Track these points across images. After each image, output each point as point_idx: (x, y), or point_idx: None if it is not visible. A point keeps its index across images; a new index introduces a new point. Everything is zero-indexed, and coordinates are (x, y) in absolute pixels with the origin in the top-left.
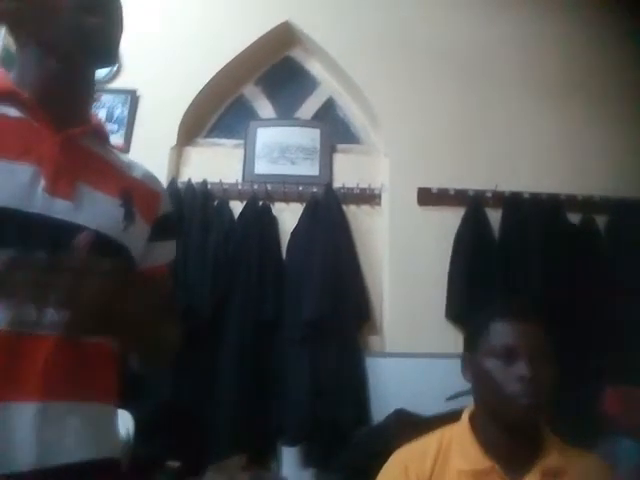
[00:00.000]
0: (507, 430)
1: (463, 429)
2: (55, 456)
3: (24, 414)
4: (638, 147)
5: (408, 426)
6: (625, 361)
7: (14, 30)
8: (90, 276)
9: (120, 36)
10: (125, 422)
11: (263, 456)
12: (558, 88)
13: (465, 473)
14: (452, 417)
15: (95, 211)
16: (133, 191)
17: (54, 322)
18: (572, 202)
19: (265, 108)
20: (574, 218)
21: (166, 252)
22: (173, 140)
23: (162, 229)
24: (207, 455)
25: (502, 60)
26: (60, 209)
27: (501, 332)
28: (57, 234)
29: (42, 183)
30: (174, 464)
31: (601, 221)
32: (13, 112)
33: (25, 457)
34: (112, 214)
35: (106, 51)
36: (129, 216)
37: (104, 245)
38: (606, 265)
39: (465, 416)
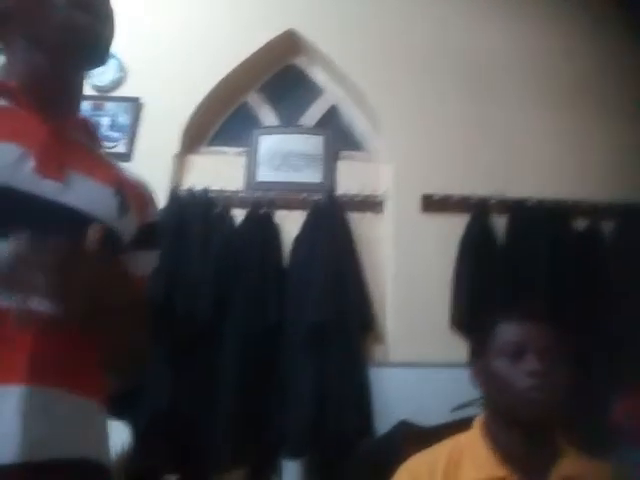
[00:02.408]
0: (521, 432)
1: (475, 437)
2: (40, 449)
3: (9, 397)
4: None
5: (413, 437)
6: (634, 366)
7: (2, 25)
8: (91, 267)
9: (111, 36)
10: (121, 434)
11: (264, 470)
12: (563, 94)
13: None
14: (458, 426)
15: (87, 195)
16: (125, 186)
17: (43, 305)
18: (578, 208)
19: (268, 116)
20: (580, 224)
21: (148, 263)
22: (176, 148)
23: (147, 237)
24: (206, 469)
25: (506, 67)
26: (50, 190)
27: (509, 331)
28: (47, 214)
29: (31, 163)
30: (172, 478)
31: (607, 227)
32: (1, 102)
33: (8, 448)
34: (106, 201)
35: (96, 50)
36: (123, 206)
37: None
38: (613, 272)
39: (477, 424)
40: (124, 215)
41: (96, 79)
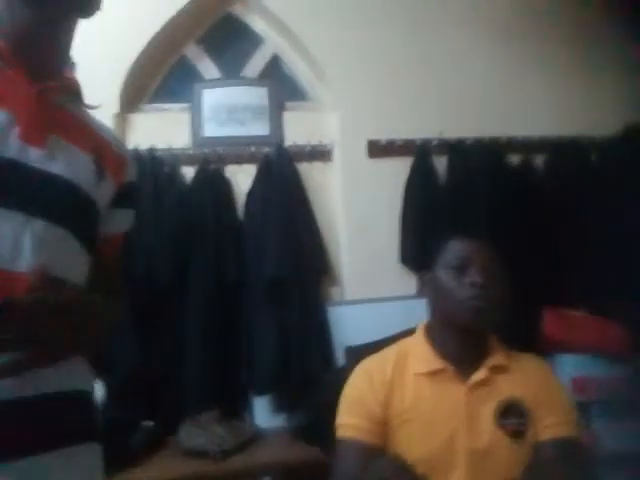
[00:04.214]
0: (458, 334)
1: (419, 339)
2: (32, 387)
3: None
4: (573, 88)
5: (363, 356)
6: (561, 284)
7: None
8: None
9: None
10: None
11: (236, 408)
12: (497, 33)
13: (421, 375)
14: (399, 337)
15: (69, 162)
16: (103, 150)
17: (29, 259)
18: (512, 144)
19: (209, 68)
20: (515, 159)
21: (125, 220)
22: (115, 107)
23: (125, 196)
24: (181, 413)
25: (444, 8)
26: (34, 157)
27: (457, 247)
28: (31, 181)
29: (16, 130)
30: (149, 423)
31: (540, 160)
32: None
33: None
34: (85, 168)
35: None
36: (100, 172)
37: (76, 197)
38: (545, 199)
39: (420, 328)
40: (101, 181)
41: None
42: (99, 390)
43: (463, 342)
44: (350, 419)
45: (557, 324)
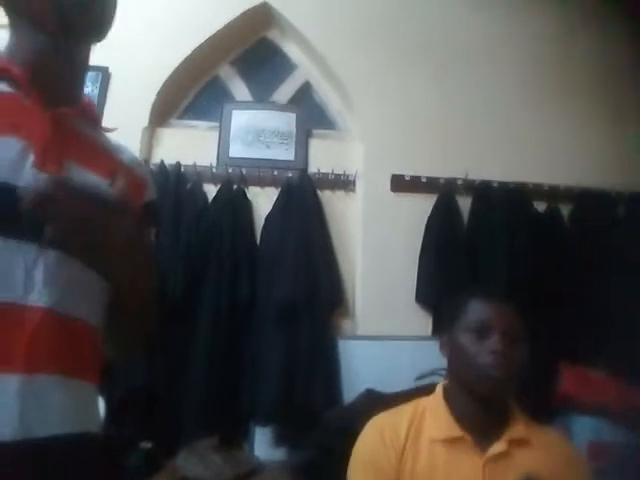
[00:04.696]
0: (477, 401)
1: (437, 400)
2: (37, 428)
3: (8, 384)
4: (602, 140)
5: (377, 404)
6: (580, 341)
7: (3, 4)
8: (80, 197)
9: (114, 10)
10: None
11: (235, 436)
12: (529, 80)
13: (437, 441)
14: (419, 393)
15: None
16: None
17: (41, 292)
18: (538, 191)
19: (241, 90)
20: (540, 206)
21: (147, 239)
22: (145, 120)
23: (147, 215)
24: (179, 436)
25: (476, 51)
26: None
27: (478, 309)
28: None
29: (31, 158)
30: (147, 445)
31: (565, 210)
32: (3, 87)
33: (6, 426)
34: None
35: (96, 25)
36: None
37: None
38: (568, 251)
39: (439, 389)
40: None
41: None
42: (100, 405)
43: (482, 410)
44: None
45: (574, 382)
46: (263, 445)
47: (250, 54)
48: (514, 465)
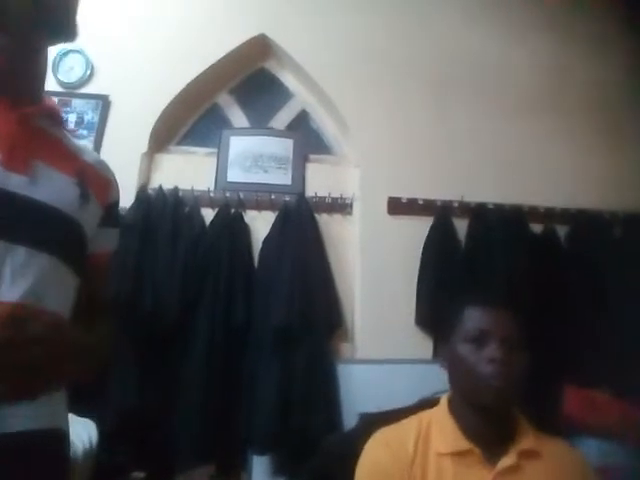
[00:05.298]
0: (481, 412)
1: (442, 413)
2: (6, 423)
3: None
4: (597, 161)
5: (375, 426)
6: (583, 363)
7: None
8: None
9: (76, 8)
10: (88, 430)
11: (232, 466)
12: (523, 103)
13: (445, 455)
14: (416, 409)
15: (51, 187)
16: (86, 173)
17: (9, 288)
18: (534, 213)
19: (239, 118)
20: (536, 228)
21: (112, 239)
22: (144, 147)
23: (111, 216)
24: (174, 465)
25: (469, 74)
26: (16, 183)
27: (474, 317)
28: (13, 208)
29: None
30: (139, 475)
31: (561, 231)
32: None
33: None
34: (68, 192)
35: (59, 24)
36: (84, 195)
37: (60, 221)
38: (566, 272)
39: (444, 401)
40: (85, 204)
41: (63, 75)
42: (93, 431)
43: (488, 421)
44: None
45: (578, 404)
46: (261, 474)
47: (248, 83)
48: (524, 478)
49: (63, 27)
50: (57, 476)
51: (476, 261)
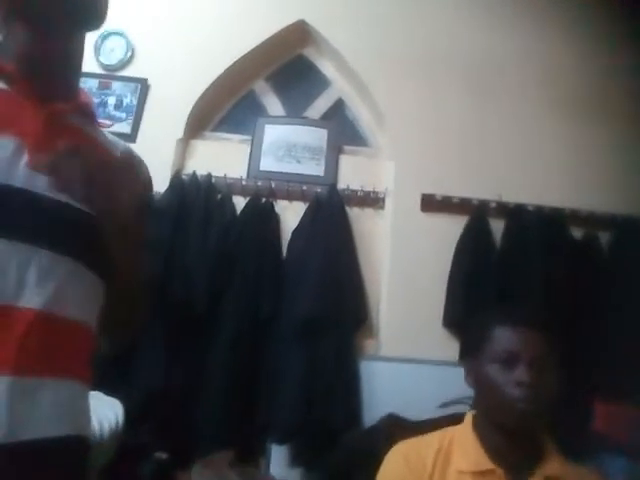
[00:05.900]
0: (507, 434)
1: (466, 431)
2: (26, 430)
3: None
4: None
5: (398, 430)
6: (615, 378)
7: None
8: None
9: None
10: (115, 410)
11: (251, 453)
12: (568, 103)
13: (466, 474)
14: (444, 422)
15: None
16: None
17: (33, 293)
18: (575, 217)
19: (274, 105)
20: (577, 233)
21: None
22: (180, 132)
23: (141, 211)
24: (195, 449)
25: (514, 72)
26: (43, 185)
27: (503, 337)
28: (39, 210)
29: (25, 157)
30: (162, 455)
31: (604, 237)
32: None
33: None
34: None
35: (89, 11)
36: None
37: (85, 224)
38: (607, 281)
39: (468, 418)
40: None
41: (104, 57)
42: (120, 411)
43: (513, 443)
44: None
45: (609, 419)
46: (279, 464)
47: (285, 70)
48: None
49: (92, 14)
50: None
51: (509, 268)
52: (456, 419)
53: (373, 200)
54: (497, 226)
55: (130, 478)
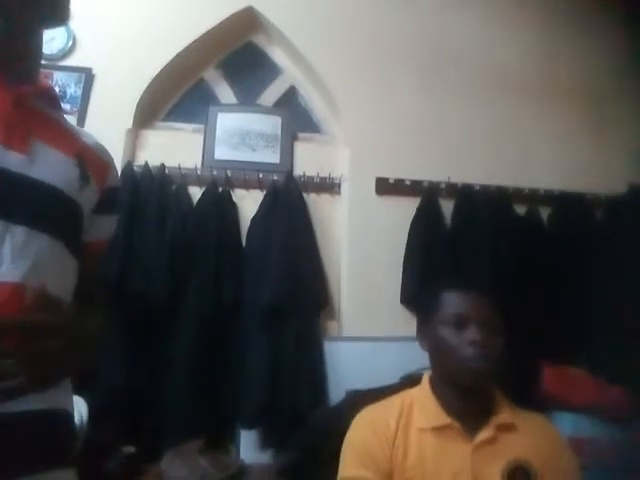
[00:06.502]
0: (462, 392)
1: (424, 391)
2: (10, 403)
3: None
4: (580, 145)
5: (362, 401)
6: (562, 342)
7: None
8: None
9: None
10: (79, 408)
11: (221, 439)
12: (510, 86)
13: (426, 430)
14: (403, 386)
15: (51, 167)
16: (86, 155)
17: (9, 268)
18: (518, 194)
19: (226, 93)
20: (520, 209)
21: (109, 227)
22: (129, 122)
23: (109, 202)
24: (163, 440)
25: (459, 58)
26: (15, 162)
27: (454, 301)
28: (12, 187)
29: None
30: (130, 449)
31: (544, 212)
32: None
33: None
34: (68, 172)
35: (53, 6)
36: (84, 177)
37: (60, 201)
38: (549, 251)
39: (425, 379)
40: (85, 186)
41: (43, 46)
42: (84, 408)
43: (468, 399)
44: (358, 471)
45: (556, 381)
46: (249, 448)
47: (236, 57)
48: (502, 450)
49: (56, 9)
50: (64, 452)
51: (459, 244)
52: (414, 381)
53: (329, 186)
54: (447, 205)
55: (96, 474)
